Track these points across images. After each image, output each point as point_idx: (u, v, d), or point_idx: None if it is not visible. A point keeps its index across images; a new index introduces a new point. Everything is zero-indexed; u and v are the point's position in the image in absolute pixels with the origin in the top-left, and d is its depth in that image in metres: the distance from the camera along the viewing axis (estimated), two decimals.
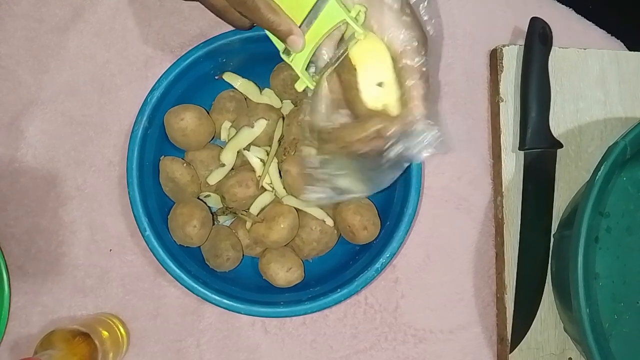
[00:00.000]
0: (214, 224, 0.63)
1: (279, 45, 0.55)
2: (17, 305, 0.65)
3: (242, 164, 0.64)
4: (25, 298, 0.65)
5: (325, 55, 0.54)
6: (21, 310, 0.65)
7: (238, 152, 0.63)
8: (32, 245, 0.66)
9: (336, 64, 0.53)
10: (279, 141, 0.63)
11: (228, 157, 0.62)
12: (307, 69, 0.55)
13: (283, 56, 0.55)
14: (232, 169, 0.63)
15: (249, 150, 0.62)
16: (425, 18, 0.53)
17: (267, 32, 0.54)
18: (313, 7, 0.52)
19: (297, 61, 0.54)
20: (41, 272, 0.65)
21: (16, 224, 0.66)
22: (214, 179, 0.62)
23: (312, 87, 0.55)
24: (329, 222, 0.62)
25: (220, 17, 0.54)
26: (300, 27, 0.53)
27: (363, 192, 0.54)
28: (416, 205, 0.60)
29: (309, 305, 0.59)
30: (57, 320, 0.65)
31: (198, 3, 0.54)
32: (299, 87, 0.55)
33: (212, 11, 0.54)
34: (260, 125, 0.62)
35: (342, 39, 0.53)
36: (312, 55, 0.54)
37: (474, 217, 0.68)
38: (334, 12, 0.52)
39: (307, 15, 0.53)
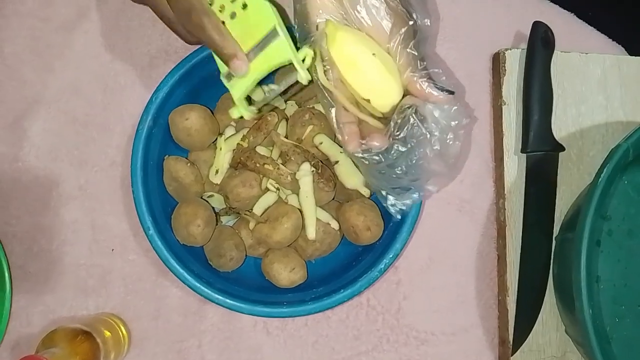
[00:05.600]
0: (217, 224, 0.63)
1: (222, 68, 0.54)
2: (18, 305, 0.64)
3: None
4: (27, 297, 0.65)
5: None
6: (22, 309, 0.64)
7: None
8: (33, 244, 0.65)
9: (273, 98, 0.54)
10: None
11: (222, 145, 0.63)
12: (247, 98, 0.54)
13: (223, 79, 0.54)
14: (236, 168, 0.63)
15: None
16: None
17: (213, 53, 0.53)
18: (263, 38, 0.51)
19: (237, 88, 0.53)
20: (43, 272, 0.65)
21: (18, 223, 0.66)
22: (215, 176, 0.62)
23: (247, 118, 0.54)
24: (334, 225, 0.62)
25: (170, 28, 0.52)
26: (247, 54, 0.51)
27: None
28: (419, 206, 0.60)
29: (312, 305, 0.59)
30: (58, 320, 0.64)
31: None
32: (234, 114, 0.54)
33: (162, 20, 0.52)
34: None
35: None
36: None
37: (476, 219, 0.68)
38: (282, 49, 0.51)
39: (256, 45, 0.52)
